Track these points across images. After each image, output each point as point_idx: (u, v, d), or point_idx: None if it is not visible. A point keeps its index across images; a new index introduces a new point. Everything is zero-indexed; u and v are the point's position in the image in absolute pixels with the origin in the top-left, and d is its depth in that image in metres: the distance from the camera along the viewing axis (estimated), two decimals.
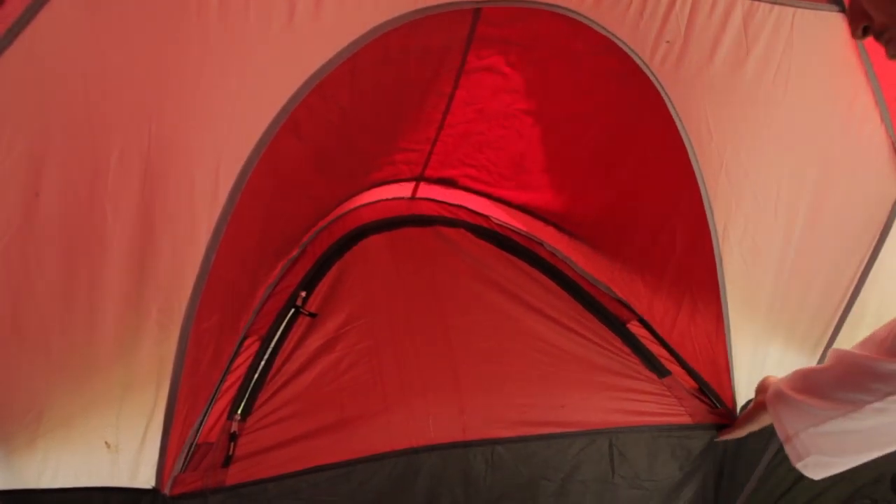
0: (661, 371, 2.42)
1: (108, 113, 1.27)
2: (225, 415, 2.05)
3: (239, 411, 2.06)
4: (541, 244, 2.84)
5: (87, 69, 1.22)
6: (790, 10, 1.71)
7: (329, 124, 1.96)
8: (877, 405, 1.39)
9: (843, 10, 1.74)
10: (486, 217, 2.88)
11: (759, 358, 2.24)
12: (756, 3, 1.70)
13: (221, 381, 2.08)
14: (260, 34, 1.33)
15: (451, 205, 2.88)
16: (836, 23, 1.76)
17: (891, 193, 2.02)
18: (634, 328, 2.58)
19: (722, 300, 2.13)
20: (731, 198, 2.00)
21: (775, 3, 1.70)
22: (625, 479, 2.14)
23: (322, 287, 2.50)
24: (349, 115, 2.02)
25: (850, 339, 2.18)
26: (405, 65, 1.97)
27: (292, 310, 2.38)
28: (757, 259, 2.09)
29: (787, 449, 1.68)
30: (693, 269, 2.25)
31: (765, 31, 1.74)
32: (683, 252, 2.29)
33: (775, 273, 2.11)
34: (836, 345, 2.25)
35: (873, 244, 2.08)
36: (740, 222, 2.03)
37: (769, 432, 1.87)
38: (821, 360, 2.27)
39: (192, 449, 1.93)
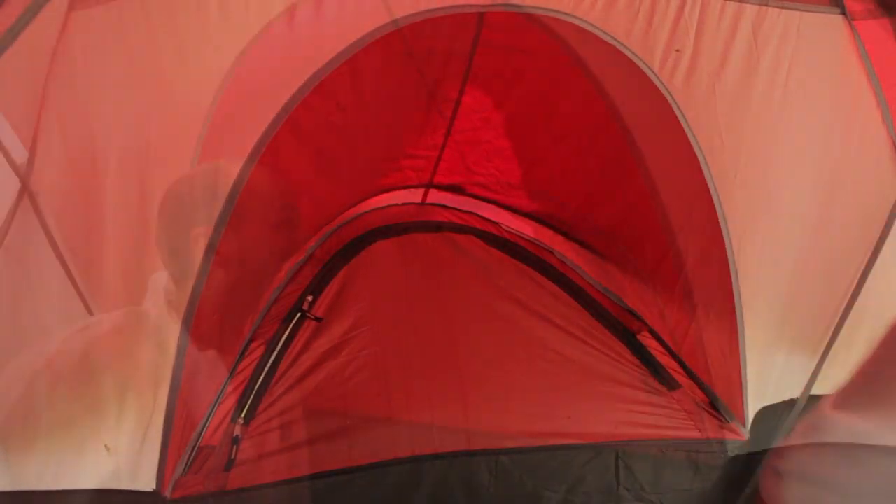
0: (670, 384, 2.38)
1: (107, 113, 1.27)
2: (228, 418, 2.04)
3: (242, 415, 2.06)
4: (550, 252, 2.81)
5: (86, 69, 1.22)
6: (797, 13, 1.70)
7: (330, 126, 1.97)
8: None
9: (843, 13, 1.72)
10: (496, 224, 2.87)
11: (766, 368, 2.18)
12: (764, 8, 1.67)
13: (225, 385, 2.07)
14: (259, 35, 1.33)
15: (461, 211, 2.87)
16: (838, 25, 1.74)
17: (891, 193, 1.97)
18: (644, 339, 2.55)
19: (737, 312, 2.08)
20: (748, 208, 1.97)
21: (783, 7, 1.68)
22: (630, 492, 2.10)
23: (329, 291, 2.50)
24: (351, 117, 2.02)
25: (851, 340, 2.14)
26: (408, 67, 1.97)
27: (298, 314, 2.37)
28: (774, 268, 2.05)
29: None
30: (706, 280, 2.21)
31: (774, 35, 1.71)
32: (696, 263, 2.25)
33: (788, 279, 2.06)
34: (836, 346, 2.18)
35: (874, 244, 2.03)
36: (758, 231, 2.00)
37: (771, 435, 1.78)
38: (820, 363, 2.19)
39: (194, 452, 1.91)
